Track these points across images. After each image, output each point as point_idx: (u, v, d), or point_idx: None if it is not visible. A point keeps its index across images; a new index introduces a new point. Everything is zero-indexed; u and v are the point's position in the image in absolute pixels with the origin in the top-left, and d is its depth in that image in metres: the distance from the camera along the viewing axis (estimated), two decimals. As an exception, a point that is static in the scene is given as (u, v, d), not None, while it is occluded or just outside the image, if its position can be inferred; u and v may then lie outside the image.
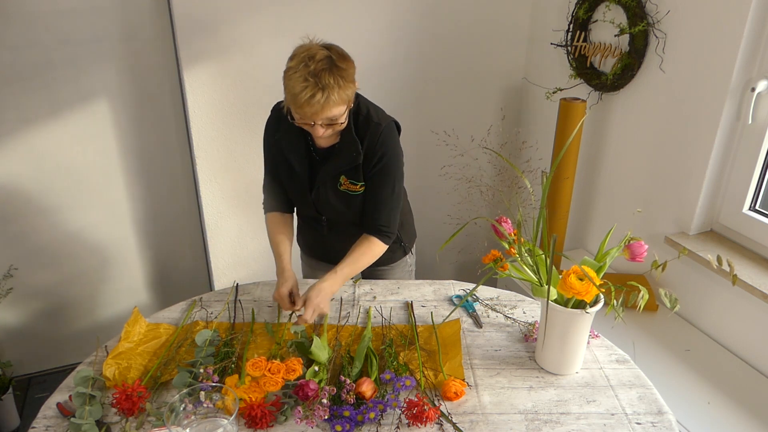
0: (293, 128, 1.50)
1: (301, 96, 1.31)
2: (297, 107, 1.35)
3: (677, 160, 1.90)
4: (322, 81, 1.31)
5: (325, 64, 1.32)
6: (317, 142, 1.53)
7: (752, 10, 1.60)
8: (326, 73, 1.32)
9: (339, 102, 1.35)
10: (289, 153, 1.54)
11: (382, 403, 1.19)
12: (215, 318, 1.53)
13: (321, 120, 1.37)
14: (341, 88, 1.34)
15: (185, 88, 2.17)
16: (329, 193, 1.57)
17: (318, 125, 1.39)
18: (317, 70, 1.31)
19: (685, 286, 1.90)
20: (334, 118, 1.38)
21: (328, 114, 1.36)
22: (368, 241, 1.58)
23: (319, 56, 1.32)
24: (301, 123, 1.40)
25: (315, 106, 1.32)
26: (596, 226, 2.35)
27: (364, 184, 1.55)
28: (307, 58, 1.32)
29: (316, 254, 1.83)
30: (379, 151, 1.50)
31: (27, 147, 2.17)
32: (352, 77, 1.39)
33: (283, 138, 1.54)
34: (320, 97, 1.31)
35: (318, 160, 1.56)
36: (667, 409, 1.25)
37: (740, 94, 1.71)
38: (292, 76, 1.33)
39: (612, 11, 2.06)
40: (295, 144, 1.54)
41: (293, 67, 1.33)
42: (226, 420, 1.13)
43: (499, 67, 2.60)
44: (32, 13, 2.00)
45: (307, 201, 1.61)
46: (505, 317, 1.54)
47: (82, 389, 1.21)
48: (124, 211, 2.41)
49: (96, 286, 2.49)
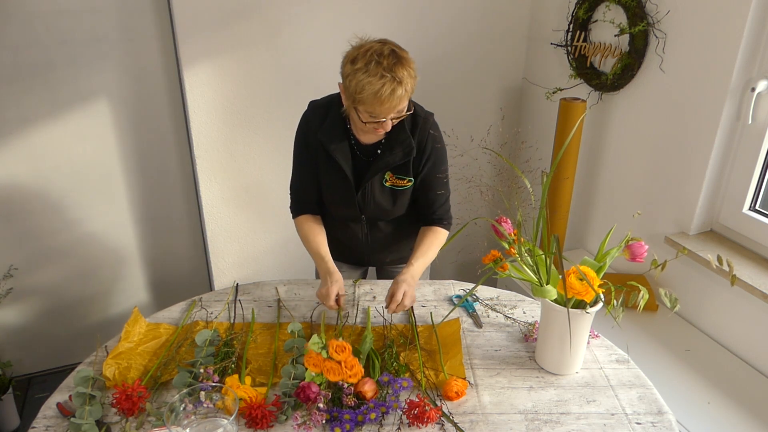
0: (336, 127, 1.51)
1: (381, 92, 1.32)
2: (377, 105, 1.34)
3: (677, 160, 1.90)
4: (397, 75, 1.33)
5: (395, 58, 1.34)
6: (362, 139, 1.53)
7: (752, 10, 1.60)
8: (399, 67, 1.34)
9: (407, 94, 1.38)
10: (335, 152, 1.52)
11: (384, 405, 1.19)
12: (215, 318, 1.53)
13: (391, 115, 1.39)
14: (412, 78, 1.37)
15: (185, 88, 2.17)
16: (375, 191, 1.57)
17: (388, 120, 1.40)
18: (390, 65, 1.32)
19: (685, 286, 1.90)
20: (401, 110, 1.41)
21: (401, 106, 1.39)
22: (432, 231, 1.60)
23: (385, 52, 1.34)
24: (371, 121, 1.40)
25: (395, 100, 1.34)
26: (596, 226, 2.35)
27: (413, 179, 1.57)
28: (376, 56, 1.33)
29: (344, 257, 1.80)
30: (430, 144, 1.53)
31: (27, 147, 2.17)
32: (414, 68, 1.40)
33: (326, 137, 1.52)
34: (400, 91, 1.34)
35: (362, 159, 1.56)
36: (667, 409, 1.25)
37: (740, 94, 1.71)
38: (363, 76, 1.32)
39: (612, 11, 2.06)
40: (339, 143, 1.53)
41: (362, 68, 1.33)
42: (226, 420, 1.13)
43: (499, 67, 2.60)
44: (32, 12, 2.00)
45: (352, 200, 1.59)
46: (505, 317, 1.54)
47: (82, 389, 1.21)
48: (124, 211, 2.41)
49: (96, 286, 2.49)
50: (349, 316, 1.55)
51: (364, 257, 1.79)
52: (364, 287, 1.68)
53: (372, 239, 1.70)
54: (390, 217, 1.65)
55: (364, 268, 1.90)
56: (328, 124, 1.52)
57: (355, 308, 1.58)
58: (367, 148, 1.55)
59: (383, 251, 1.76)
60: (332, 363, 1.24)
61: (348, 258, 1.81)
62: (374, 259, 1.79)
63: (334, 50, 2.30)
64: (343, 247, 1.75)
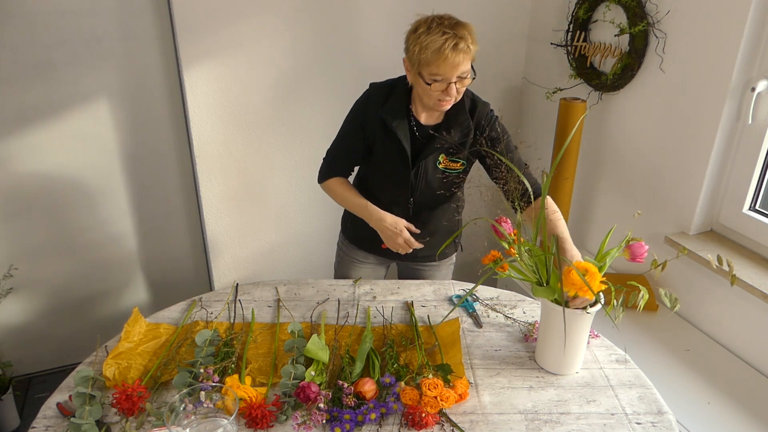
0: (399, 105, 1.56)
1: (445, 47, 1.37)
2: (441, 61, 1.39)
3: (677, 160, 1.90)
4: (459, 32, 1.39)
5: (455, 20, 1.42)
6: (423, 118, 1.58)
7: (752, 10, 1.60)
8: (460, 26, 1.41)
9: (471, 53, 1.42)
10: (396, 128, 1.56)
11: (384, 406, 1.19)
12: (215, 318, 1.53)
13: (457, 75, 1.43)
14: (474, 41, 1.42)
15: (185, 88, 2.17)
16: (429, 171, 1.61)
17: (453, 84, 1.44)
18: (451, 23, 1.40)
19: (686, 286, 1.90)
20: (464, 74, 1.44)
21: (465, 67, 1.42)
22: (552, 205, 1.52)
23: (445, 16, 1.42)
24: (439, 85, 1.44)
25: (459, 55, 1.39)
26: (596, 226, 2.35)
27: (465, 162, 1.61)
28: (437, 18, 1.41)
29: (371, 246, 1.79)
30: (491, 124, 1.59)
31: (27, 146, 2.17)
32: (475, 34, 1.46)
33: (388, 114, 1.57)
34: (463, 45, 1.39)
35: (420, 140, 1.60)
36: (667, 409, 1.25)
37: (740, 94, 1.71)
38: (426, 36, 1.39)
39: (612, 11, 2.06)
40: (400, 121, 1.57)
41: (424, 30, 1.41)
42: (226, 420, 1.13)
43: (499, 67, 2.60)
44: (32, 12, 2.00)
45: (406, 179, 1.62)
46: (505, 317, 1.54)
47: (82, 389, 1.21)
48: (124, 211, 2.41)
49: (96, 286, 2.49)
50: (349, 316, 1.55)
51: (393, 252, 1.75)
52: (364, 287, 1.68)
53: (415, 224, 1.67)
54: (436, 203, 1.68)
55: (388, 264, 1.91)
56: (391, 103, 1.57)
57: (355, 308, 1.58)
58: (426, 129, 1.59)
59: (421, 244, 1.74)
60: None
61: (379, 250, 1.77)
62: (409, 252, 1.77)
63: (334, 50, 2.32)
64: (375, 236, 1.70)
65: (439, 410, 1.20)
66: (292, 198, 2.53)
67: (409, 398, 1.20)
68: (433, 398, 1.19)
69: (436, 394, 1.19)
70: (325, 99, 2.38)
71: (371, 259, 1.86)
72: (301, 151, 2.43)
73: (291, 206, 2.55)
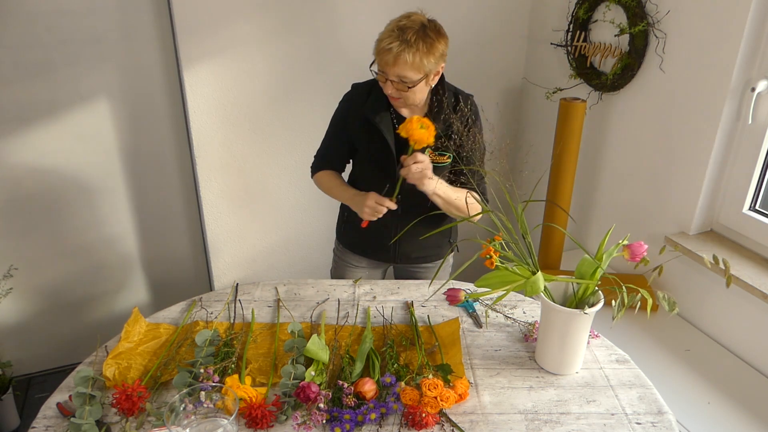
0: (380, 102, 1.57)
1: (382, 42, 1.43)
2: (376, 52, 1.45)
3: (677, 160, 1.90)
4: (404, 36, 1.40)
5: (416, 26, 1.42)
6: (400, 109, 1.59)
7: (752, 10, 1.60)
8: (412, 33, 1.41)
9: (413, 65, 1.42)
10: (379, 123, 1.58)
11: (384, 406, 1.19)
12: (215, 318, 1.53)
13: (392, 75, 1.44)
14: (420, 52, 1.41)
15: (185, 88, 2.17)
16: None
17: (388, 82, 1.46)
18: (406, 26, 1.42)
19: (686, 286, 1.90)
20: (405, 80, 1.44)
21: (400, 71, 1.43)
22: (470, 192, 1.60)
23: (414, 18, 1.44)
24: (379, 76, 1.47)
25: (388, 54, 1.41)
26: (596, 226, 2.35)
27: (452, 155, 1.61)
28: (405, 17, 1.45)
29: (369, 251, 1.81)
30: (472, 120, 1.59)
31: (27, 146, 2.17)
32: (437, 51, 1.44)
33: (370, 110, 1.58)
34: (396, 49, 1.40)
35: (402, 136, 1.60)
36: (667, 409, 1.25)
37: (740, 94, 1.71)
38: (384, 30, 1.46)
39: (612, 11, 2.06)
40: (383, 116, 1.59)
41: (390, 22, 1.46)
42: (226, 420, 1.13)
43: (499, 67, 2.60)
44: (32, 12, 2.00)
45: (392, 176, 1.61)
46: (505, 317, 1.54)
47: (82, 389, 1.21)
48: (124, 211, 2.41)
49: (96, 286, 2.49)
50: (349, 316, 1.55)
51: (386, 254, 1.79)
52: (364, 287, 1.68)
53: (402, 227, 1.69)
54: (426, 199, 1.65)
55: (385, 267, 1.91)
56: (372, 100, 1.59)
57: (355, 308, 1.58)
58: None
59: (411, 244, 1.75)
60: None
61: (373, 253, 1.81)
62: (400, 252, 1.79)
63: (334, 50, 2.31)
64: (370, 238, 1.75)
65: (439, 410, 1.20)
66: (292, 198, 2.53)
67: (409, 398, 1.20)
68: (433, 398, 1.19)
69: (436, 394, 1.19)
70: (325, 99, 2.37)
71: (365, 263, 1.86)
72: (301, 151, 2.43)
73: (291, 206, 2.55)
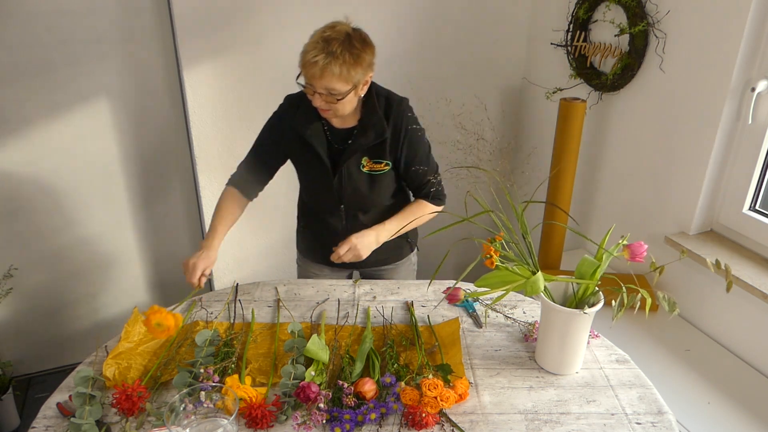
0: (309, 114, 1.54)
1: (307, 55, 1.38)
2: (302, 65, 1.40)
3: (677, 160, 1.90)
4: (330, 48, 1.36)
5: (341, 36, 1.38)
6: (331, 121, 1.55)
7: (752, 10, 1.60)
8: (337, 44, 1.37)
9: (340, 76, 1.38)
10: (310, 137, 1.55)
11: (384, 406, 1.19)
12: (215, 318, 1.53)
13: (320, 87, 1.40)
14: (347, 64, 1.37)
15: (185, 88, 2.17)
16: (353, 176, 1.58)
17: (317, 95, 1.42)
18: (331, 37, 1.37)
19: (686, 286, 1.90)
20: (334, 92, 1.41)
21: (327, 84, 1.39)
22: (418, 202, 1.65)
23: (339, 28, 1.40)
24: (306, 89, 1.44)
25: (314, 67, 1.37)
26: (596, 226, 2.35)
27: (390, 162, 1.59)
28: (329, 28, 1.40)
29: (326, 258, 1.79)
30: (404, 125, 1.55)
31: (27, 147, 2.17)
32: (364, 62, 1.41)
33: (300, 123, 1.55)
34: (322, 61, 1.36)
35: (337, 145, 1.58)
36: (667, 409, 1.25)
37: (740, 94, 1.71)
38: (310, 39, 1.41)
39: (612, 11, 2.06)
40: (313, 129, 1.55)
41: (315, 33, 1.41)
42: (226, 420, 1.13)
43: (499, 67, 2.60)
44: (32, 12, 2.00)
45: (330, 186, 1.60)
46: (505, 317, 1.54)
47: (82, 389, 1.21)
48: (124, 211, 2.41)
49: (96, 286, 2.49)
50: (349, 316, 1.55)
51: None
52: (364, 287, 1.68)
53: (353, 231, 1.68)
54: (370, 207, 1.66)
55: (348, 272, 1.90)
56: (302, 113, 1.56)
57: (355, 308, 1.58)
58: (341, 133, 1.57)
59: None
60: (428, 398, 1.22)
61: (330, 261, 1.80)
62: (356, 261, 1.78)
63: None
64: (323, 247, 1.75)
65: (439, 410, 1.20)
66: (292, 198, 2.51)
67: (409, 398, 1.20)
68: (433, 398, 1.19)
69: (436, 394, 1.19)
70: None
71: (326, 270, 1.85)
72: (301, 151, 2.42)
73: (291, 206, 2.53)
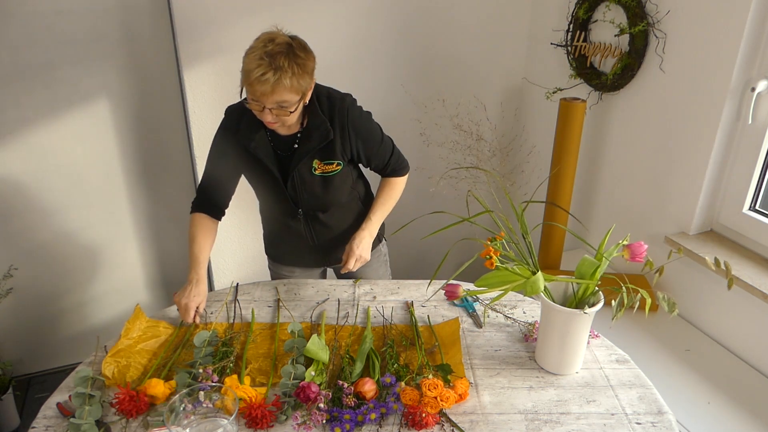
0: (253, 125, 1.52)
1: (254, 73, 1.33)
2: (248, 84, 1.36)
3: (677, 160, 1.90)
4: (276, 62, 1.33)
5: (284, 48, 1.35)
6: (278, 131, 1.53)
7: (752, 10, 1.60)
8: (282, 57, 1.34)
9: (291, 88, 1.36)
10: (255, 149, 1.53)
11: (384, 406, 1.19)
12: (215, 318, 1.53)
13: (270, 103, 1.38)
14: (295, 75, 1.36)
15: (185, 88, 2.17)
16: (305, 180, 1.57)
17: (267, 110, 1.39)
18: (274, 51, 1.34)
19: (686, 286, 1.90)
20: (285, 105, 1.39)
21: (278, 98, 1.37)
22: (387, 182, 1.69)
23: (279, 40, 1.36)
24: (253, 105, 1.40)
25: (265, 84, 1.34)
26: (596, 227, 2.35)
27: (341, 162, 1.57)
28: (268, 41, 1.36)
29: (295, 260, 1.81)
30: (351, 122, 1.54)
31: (27, 147, 2.17)
32: (309, 69, 1.40)
33: (244, 136, 1.53)
34: (271, 77, 1.33)
35: (284, 153, 1.56)
36: (667, 409, 1.25)
37: (740, 94, 1.71)
38: (249, 54, 1.36)
39: (612, 11, 2.06)
40: (258, 140, 1.53)
41: (253, 47, 1.37)
42: (226, 420, 1.13)
43: (499, 67, 2.60)
44: (33, 12, 2.00)
45: (283, 194, 1.60)
46: (505, 317, 1.54)
47: (81, 389, 1.22)
48: (124, 211, 2.41)
49: (96, 286, 2.49)
50: (349, 316, 1.55)
51: (315, 258, 1.78)
52: (364, 287, 1.68)
53: (316, 235, 1.70)
54: (328, 207, 1.65)
55: (320, 269, 1.89)
56: (245, 125, 1.53)
57: (355, 308, 1.58)
58: (286, 140, 1.55)
59: (332, 248, 1.75)
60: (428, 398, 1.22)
61: (299, 261, 1.81)
62: (327, 258, 1.79)
63: (335, 50, 2.31)
64: (290, 249, 1.76)
65: (439, 410, 1.20)
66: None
67: (409, 398, 1.20)
68: (433, 398, 1.19)
69: (436, 395, 1.19)
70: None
71: (297, 272, 1.84)
72: (301, 151, 2.42)
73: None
